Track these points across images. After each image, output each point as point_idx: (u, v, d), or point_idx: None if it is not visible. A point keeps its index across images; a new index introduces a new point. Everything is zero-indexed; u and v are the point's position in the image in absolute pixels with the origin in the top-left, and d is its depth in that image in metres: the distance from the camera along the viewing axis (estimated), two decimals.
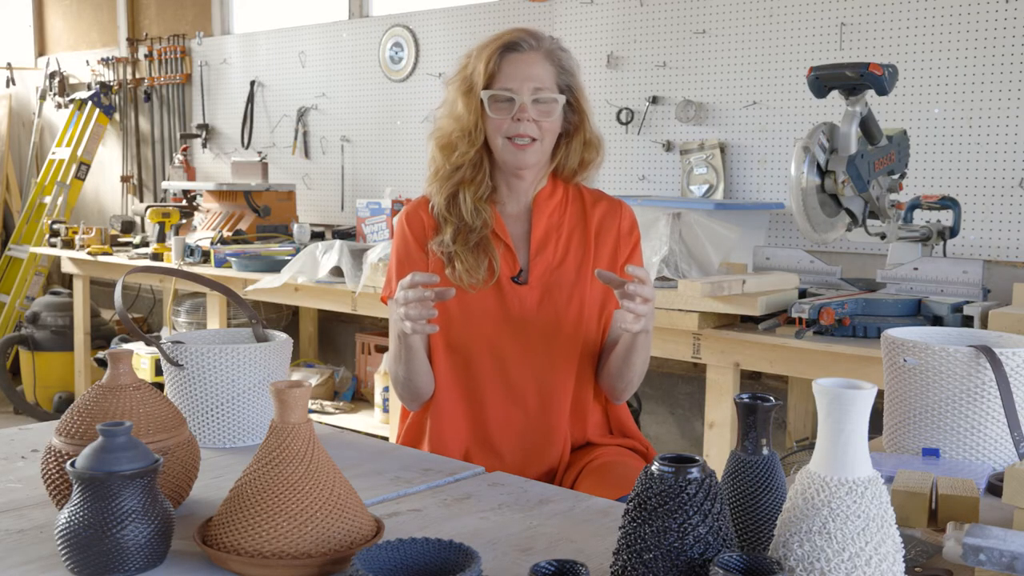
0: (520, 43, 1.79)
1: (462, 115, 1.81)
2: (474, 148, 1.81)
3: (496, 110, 1.77)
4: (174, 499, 1.28)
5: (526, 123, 1.75)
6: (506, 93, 1.76)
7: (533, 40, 1.80)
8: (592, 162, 1.88)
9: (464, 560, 0.96)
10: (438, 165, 1.85)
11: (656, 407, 3.90)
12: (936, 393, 1.49)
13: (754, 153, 3.54)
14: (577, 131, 1.84)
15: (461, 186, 1.82)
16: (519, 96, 1.75)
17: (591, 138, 1.86)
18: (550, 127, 1.79)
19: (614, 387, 1.85)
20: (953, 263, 2.54)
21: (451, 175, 1.83)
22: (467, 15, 4.35)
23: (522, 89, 1.75)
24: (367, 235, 4.01)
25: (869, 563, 0.92)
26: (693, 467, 0.97)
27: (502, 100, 1.77)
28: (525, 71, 1.76)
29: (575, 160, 1.86)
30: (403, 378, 1.81)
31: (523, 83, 1.76)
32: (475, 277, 1.79)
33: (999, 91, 3.02)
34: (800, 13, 3.39)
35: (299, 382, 1.13)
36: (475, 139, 1.80)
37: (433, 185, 1.86)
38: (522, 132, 1.76)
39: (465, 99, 1.80)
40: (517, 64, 1.77)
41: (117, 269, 4.61)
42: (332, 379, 4.62)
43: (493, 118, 1.77)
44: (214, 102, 5.57)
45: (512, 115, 1.76)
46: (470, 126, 1.79)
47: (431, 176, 1.87)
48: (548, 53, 1.80)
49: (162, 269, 2.21)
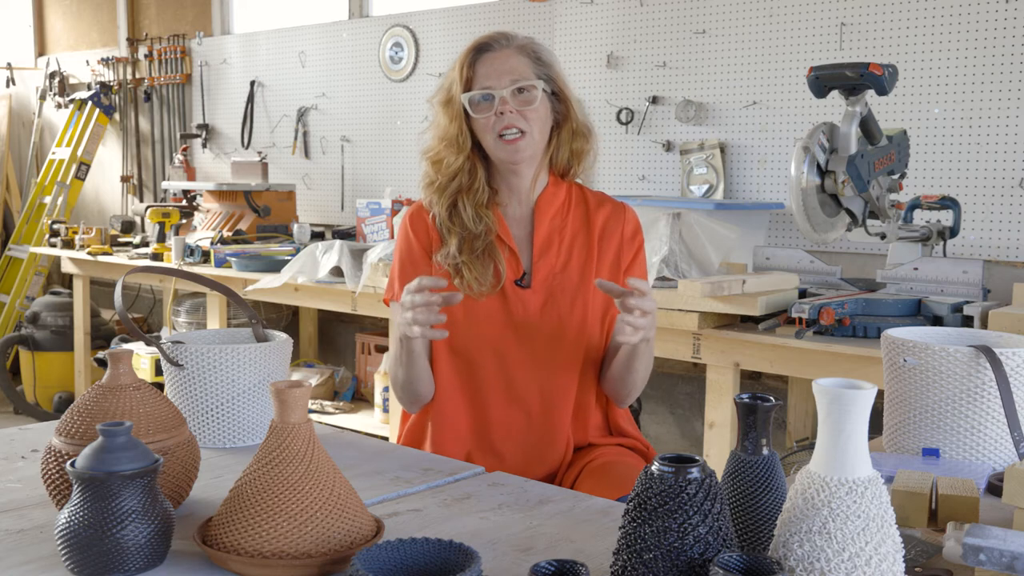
0: (491, 43, 1.79)
1: (445, 126, 1.81)
2: (463, 155, 1.80)
3: (478, 110, 1.77)
4: (174, 499, 1.28)
5: (510, 115, 1.75)
6: (484, 91, 1.76)
7: (504, 39, 1.80)
8: (584, 152, 1.87)
9: (464, 560, 0.96)
10: (432, 178, 1.85)
11: (656, 407, 3.90)
12: (936, 393, 1.49)
13: (754, 153, 3.54)
14: (565, 120, 1.83)
15: (459, 195, 1.82)
16: (497, 91, 1.75)
17: (579, 127, 1.84)
18: (536, 116, 1.78)
19: (618, 392, 1.85)
20: (953, 263, 2.54)
21: (447, 185, 1.82)
22: (467, 15, 4.35)
23: (499, 84, 1.75)
24: (367, 235, 4.01)
25: (869, 563, 0.92)
26: (693, 467, 0.97)
27: (482, 99, 1.77)
28: (500, 67, 1.77)
29: (566, 151, 1.84)
30: (403, 381, 1.81)
31: (499, 78, 1.76)
32: (484, 285, 1.78)
33: (999, 91, 3.02)
34: (800, 13, 3.39)
35: (299, 382, 1.13)
36: (462, 145, 1.80)
37: (432, 196, 1.85)
38: (508, 124, 1.75)
39: (446, 109, 1.81)
40: (491, 63, 1.77)
41: (117, 269, 4.61)
42: (332, 379, 4.62)
43: (478, 119, 1.77)
44: (214, 102, 5.57)
45: (495, 110, 1.75)
46: (454, 133, 1.79)
47: (426, 188, 1.86)
48: (521, 47, 1.80)
49: (162, 269, 2.21)
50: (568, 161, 1.86)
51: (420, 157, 1.88)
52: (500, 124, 1.75)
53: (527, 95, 1.76)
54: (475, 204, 1.81)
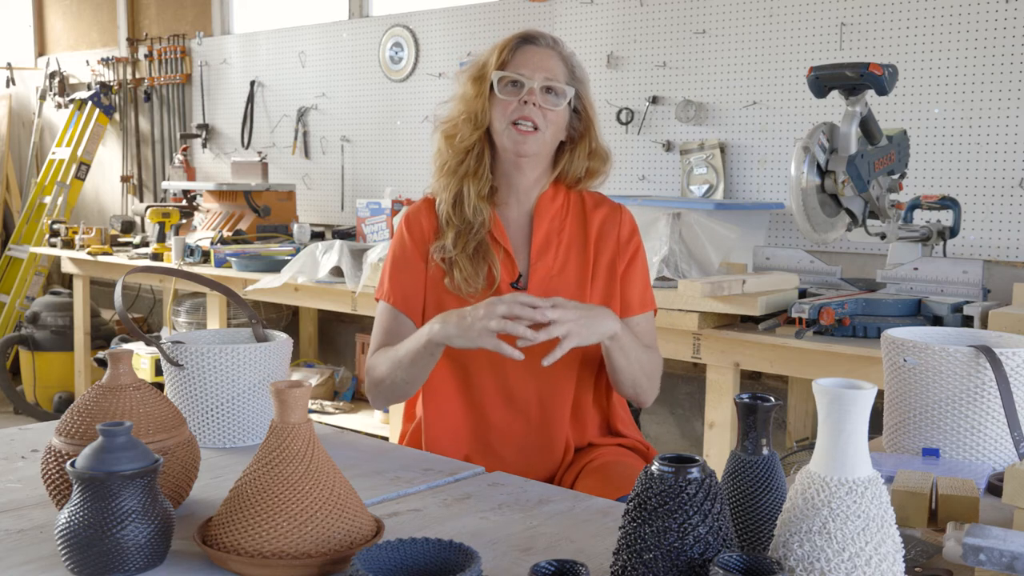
0: (537, 38, 1.81)
1: (471, 98, 1.81)
2: (478, 132, 1.81)
3: (505, 92, 1.78)
4: (174, 499, 1.28)
5: (532, 108, 1.76)
6: (517, 76, 1.77)
7: (551, 40, 1.83)
8: (599, 173, 1.89)
9: (464, 560, 0.96)
10: (444, 158, 1.85)
11: (656, 407, 3.90)
12: (936, 393, 1.49)
13: (754, 153, 3.54)
14: (582, 139, 1.85)
15: (465, 180, 1.82)
16: (530, 81, 1.77)
17: (597, 148, 1.87)
18: (554, 119, 1.79)
19: (625, 393, 1.84)
20: (953, 263, 2.54)
21: (456, 168, 1.83)
22: (467, 15, 4.35)
23: (534, 75, 1.77)
24: (367, 235, 4.01)
25: (869, 563, 0.92)
26: (693, 467, 0.97)
27: (512, 82, 1.78)
28: (539, 61, 1.79)
29: (580, 169, 1.86)
30: (400, 381, 1.78)
31: (535, 71, 1.78)
32: (473, 286, 1.78)
33: (999, 91, 3.02)
34: (800, 13, 3.39)
35: (299, 382, 1.13)
36: (480, 122, 1.80)
37: (440, 181, 1.86)
38: (527, 115, 1.76)
39: (475, 84, 1.82)
40: (531, 55, 1.79)
41: (117, 269, 4.61)
42: (332, 379, 4.62)
43: (501, 99, 1.78)
44: (214, 102, 5.57)
45: (520, 97, 1.76)
46: (477, 109, 1.80)
47: (437, 171, 1.87)
48: (563, 56, 1.82)
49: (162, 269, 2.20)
50: (579, 177, 1.88)
51: (434, 129, 1.89)
52: (519, 113, 1.77)
53: (554, 97, 1.79)
54: (478, 193, 1.81)
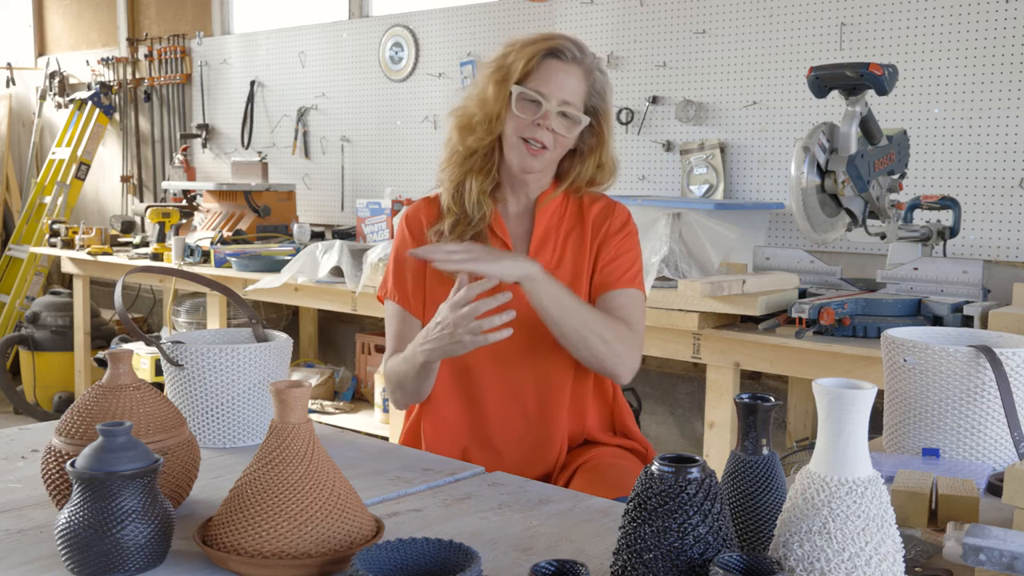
0: (564, 52, 1.79)
1: (489, 101, 1.81)
2: (491, 136, 1.82)
3: (522, 109, 1.78)
4: (174, 499, 1.28)
5: (544, 130, 1.77)
6: (536, 95, 1.77)
7: (577, 51, 1.81)
8: (603, 183, 1.91)
9: (464, 560, 0.96)
10: (454, 147, 1.86)
11: (656, 407, 3.90)
12: (936, 393, 1.49)
13: (754, 153, 3.54)
14: (592, 152, 1.86)
15: (470, 174, 1.84)
16: (547, 103, 1.77)
17: (606, 161, 1.88)
18: (564, 142, 1.81)
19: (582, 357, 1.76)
20: (953, 263, 2.54)
21: (464, 161, 1.84)
22: (467, 15, 4.35)
23: (552, 97, 1.77)
24: (367, 235, 4.01)
25: (869, 563, 0.92)
26: (693, 467, 0.97)
27: (530, 100, 1.78)
28: (560, 81, 1.78)
29: (587, 175, 1.88)
30: (412, 392, 1.82)
31: (555, 91, 1.77)
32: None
33: (999, 91, 3.01)
34: (800, 13, 3.39)
35: (299, 382, 1.13)
36: (494, 128, 1.81)
37: (446, 171, 1.87)
38: (538, 137, 1.78)
39: (496, 87, 1.81)
40: (555, 72, 1.78)
41: (117, 269, 4.61)
42: (332, 379, 4.62)
43: (516, 115, 1.78)
44: (214, 102, 5.57)
45: (535, 119, 1.77)
46: (493, 114, 1.80)
47: (445, 161, 1.88)
48: (587, 71, 1.81)
49: (162, 269, 2.21)
50: (581, 185, 1.89)
51: (448, 115, 1.89)
52: (530, 132, 1.78)
53: (568, 122, 1.79)
54: (480, 189, 1.83)
